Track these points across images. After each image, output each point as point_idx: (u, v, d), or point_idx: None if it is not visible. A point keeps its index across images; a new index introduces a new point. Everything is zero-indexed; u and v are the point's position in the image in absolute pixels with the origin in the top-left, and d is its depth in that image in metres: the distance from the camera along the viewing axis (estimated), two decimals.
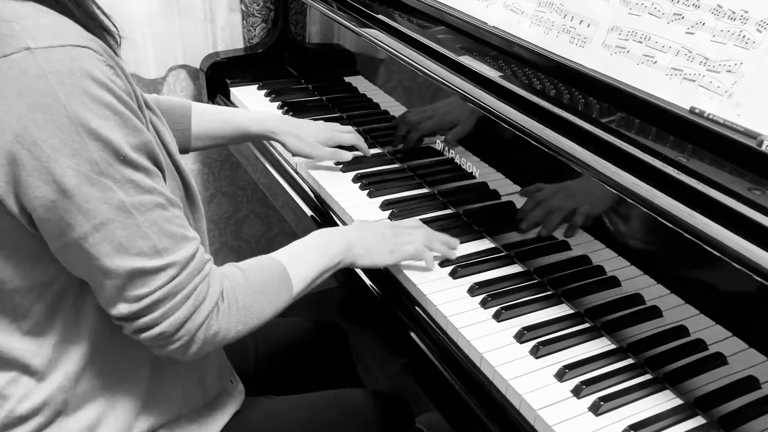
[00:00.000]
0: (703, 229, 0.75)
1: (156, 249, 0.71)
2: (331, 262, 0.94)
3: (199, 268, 0.76)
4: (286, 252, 0.92)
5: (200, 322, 0.75)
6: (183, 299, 0.74)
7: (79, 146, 0.66)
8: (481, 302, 0.98)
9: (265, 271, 0.86)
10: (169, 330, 0.73)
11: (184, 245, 0.74)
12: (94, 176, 0.67)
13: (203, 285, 0.76)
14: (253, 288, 0.82)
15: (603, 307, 0.94)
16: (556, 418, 0.81)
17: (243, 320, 0.80)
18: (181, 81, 1.82)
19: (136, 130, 0.70)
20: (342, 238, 0.98)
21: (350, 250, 0.97)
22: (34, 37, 0.65)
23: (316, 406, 1.05)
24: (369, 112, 1.43)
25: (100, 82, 0.67)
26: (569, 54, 1.03)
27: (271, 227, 2.12)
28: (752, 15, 0.83)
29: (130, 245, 0.70)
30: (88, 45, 0.67)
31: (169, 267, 0.72)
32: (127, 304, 0.72)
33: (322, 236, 0.98)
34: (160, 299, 0.72)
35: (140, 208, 0.70)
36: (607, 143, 0.88)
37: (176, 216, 0.74)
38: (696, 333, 0.82)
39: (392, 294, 1.04)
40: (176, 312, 0.73)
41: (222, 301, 0.78)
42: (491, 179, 1.11)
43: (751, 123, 0.81)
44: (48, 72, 0.65)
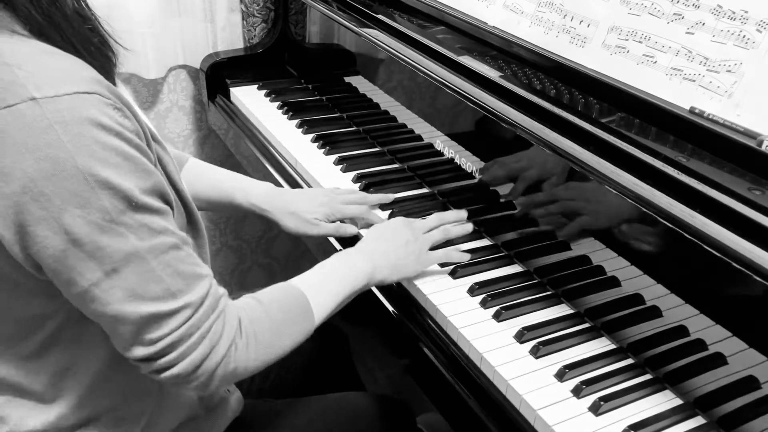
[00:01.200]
0: (703, 229, 0.75)
1: (170, 291, 0.70)
2: (354, 287, 0.92)
3: (213, 306, 0.74)
4: (308, 279, 0.89)
5: (218, 360, 0.74)
6: (199, 339, 0.72)
7: (89, 195, 0.65)
8: (481, 302, 0.98)
9: (286, 303, 0.83)
10: (187, 370, 0.72)
11: (198, 284, 0.72)
12: (105, 224, 0.66)
13: (218, 323, 0.74)
14: (273, 321, 0.80)
15: (603, 307, 0.94)
16: (556, 418, 0.81)
17: (262, 354, 0.78)
18: (181, 81, 1.82)
19: (146, 173, 0.69)
20: (365, 260, 0.94)
21: (375, 272, 0.95)
22: (38, 85, 0.63)
23: (316, 410, 1.05)
24: (369, 112, 1.43)
25: (108, 127, 0.65)
26: (569, 54, 1.03)
27: (271, 227, 2.12)
28: (752, 15, 0.83)
29: (144, 290, 0.68)
30: (94, 90, 0.66)
31: (184, 308, 0.71)
32: (143, 348, 0.70)
33: (345, 260, 0.94)
34: (175, 341, 0.71)
35: (154, 251, 0.69)
36: (607, 143, 0.88)
37: (189, 254, 0.73)
38: (696, 333, 0.82)
39: (392, 294, 1.04)
40: (193, 353, 0.72)
41: (240, 337, 0.76)
42: (491, 179, 1.11)
43: (751, 123, 0.80)
44: (54, 123, 0.63)
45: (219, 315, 0.74)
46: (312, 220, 1.09)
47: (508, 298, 0.98)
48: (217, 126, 1.73)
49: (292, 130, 1.48)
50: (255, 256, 2.13)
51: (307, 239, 1.22)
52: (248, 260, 2.13)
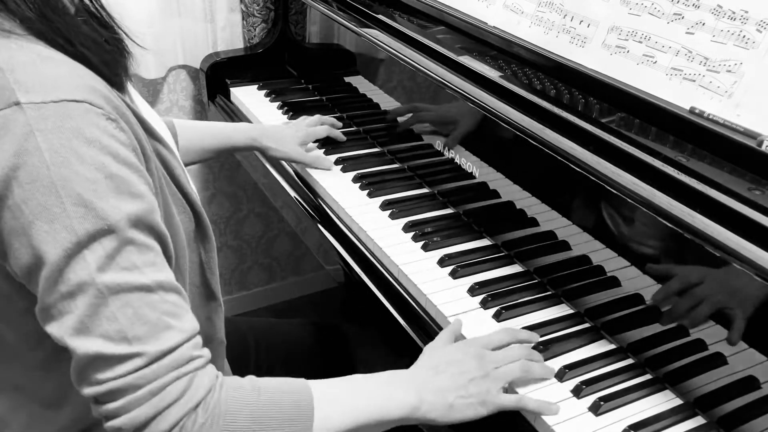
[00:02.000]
0: (703, 229, 0.75)
1: (123, 335, 0.62)
2: (385, 416, 0.75)
3: (177, 365, 0.64)
4: (327, 385, 0.75)
5: (166, 429, 0.63)
6: (147, 396, 0.63)
7: (59, 211, 0.60)
8: (481, 302, 0.98)
9: (280, 398, 0.70)
10: (128, 426, 0.63)
11: (163, 335, 0.64)
12: (70, 246, 0.61)
13: (177, 385, 0.64)
14: (255, 410, 0.68)
15: (603, 307, 0.94)
16: (556, 418, 0.81)
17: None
18: (181, 81, 1.82)
19: (132, 197, 0.63)
20: (410, 391, 0.77)
21: (421, 408, 0.77)
22: (27, 90, 0.61)
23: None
24: (369, 112, 1.43)
25: (93, 140, 0.61)
26: (569, 54, 1.03)
27: (271, 227, 2.12)
28: (752, 15, 0.83)
29: (93, 325, 0.62)
30: (86, 98, 0.62)
31: (135, 357, 0.62)
32: (89, 386, 0.64)
33: (387, 379, 0.79)
34: (119, 389, 0.63)
35: (114, 288, 0.62)
36: (607, 143, 0.88)
37: (164, 301, 0.65)
38: (696, 333, 0.82)
39: (393, 294, 1.04)
40: (137, 408, 0.63)
41: (203, 411, 0.65)
42: (491, 179, 1.11)
43: (751, 123, 0.80)
44: (36, 130, 0.60)
45: (180, 376, 0.65)
46: (295, 147, 1.30)
47: (508, 298, 0.98)
48: None
49: None
50: (255, 256, 2.14)
51: None
52: (248, 260, 2.13)
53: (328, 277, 0.95)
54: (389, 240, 1.12)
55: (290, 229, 2.11)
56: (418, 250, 1.09)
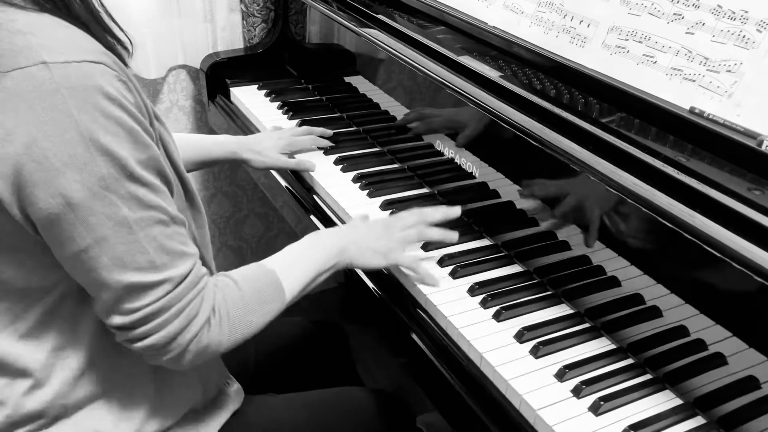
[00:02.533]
0: (703, 229, 0.75)
1: (154, 264, 0.72)
2: (324, 266, 0.95)
3: (194, 283, 0.76)
4: (279, 259, 0.92)
5: (191, 337, 0.76)
6: (176, 313, 0.75)
7: (88, 160, 0.67)
8: (481, 302, 0.98)
9: (257, 282, 0.86)
10: (160, 342, 0.75)
11: (181, 261, 0.75)
12: (100, 191, 0.68)
13: (197, 300, 0.77)
14: (245, 300, 0.83)
15: (603, 307, 0.94)
16: (556, 418, 0.81)
17: (234, 332, 0.81)
18: (181, 81, 1.82)
19: (144, 146, 0.71)
20: (335, 241, 0.98)
21: (344, 252, 0.97)
22: (50, 51, 0.66)
23: (316, 404, 1.06)
24: (369, 112, 1.43)
25: (113, 98, 0.68)
26: (569, 54, 1.03)
27: (271, 227, 2.12)
28: (752, 15, 0.83)
29: (129, 260, 0.71)
30: (102, 60, 0.68)
31: (165, 282, 0.73)
32: (121, 316, 0.73)
33: (315, 241, 0.98)
34: (153, 313, 0.73)
35: (141, 224, 0.71)
36: (607, 143, 0.88)
37: (177, 233, 0.75)
38: (696, 333, 0.82)
39: (392, 294, 1.04)
40: (168, 326, 0.74)
41: (213, 316, 0.79)
42: (491, 179, 1.11)
43: (751, 123, 0.81)
44: (62, 87, 0.65)
45: (198, 293, 0.77)
46: (276, 155, 1.30)
47: (508, 298, 0.98)
48: (217, 126, 1.73)
49: None
50: (255, 256, 2.13)
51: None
52: (248, 260, 2.11)
53: (327, 277, 0.97)
54: None
55: (290, 229, 2.11)
56: (418, 250, 1.09)
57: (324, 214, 1.25)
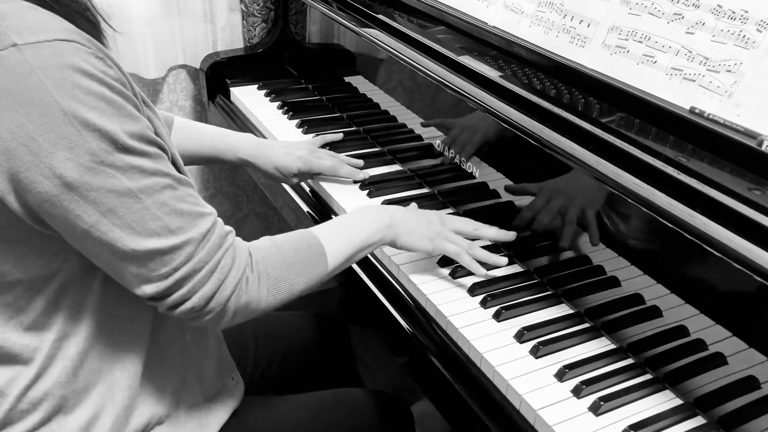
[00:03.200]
0: (703, 229, 0.75)
1: (169, 228, 0.72)
2: (370, 238, 0.95)
3: (219, 242, 0.76)
4: (324, 226, 0.93)
5: (228, 295, 0.77)
6: (208, 273, 0.75)
7: (76, 138, 0.66)
8: (482, 302, 0.98)
9: (299, 244, 0.86)
10: (199, 304, 0.75)
11: (199, 222, 0.75)
12: (95, 166, 0.67)
13: (227, 258, 0.77)
14: (285, 260, 0.83)
15: (603, 307, 0.94)
16: (556, 418, 0.81)
17: (273, 291, 0.81)
18: (181, 81, 1.82)
19: (132, 117, 0.70)
20: (384, 214, 0.98)
21: (392, 227, 0.97)
22: (19, 33, 0.65)
23: (315, 406, 1.05)
24: (369, 112, 1.43)
25: (89, 73, 0.67)
26: (569, 54, 1.03)
27: (271, 227, 2.12)
28: (752, 15, 0.83)
29: (141, 228, 0.70)
30: (74, 38, 0.67)
31: (186, 245, 0.73)
32: (152, 285, 0.73)
33: (363, 212, 0.98)
34: (184, 276, 0.73)
35: (147, 191, 0.70)
36: (607, 143, 0.88)
37: (188, 194, 0.75)
38: (696, 333, 0.82)
39: (393, 294, 1.04)
40: (203, 287, 0.75)
41: (251, 272, 0.79)
42: (491, 179, 1.11)
43: (751, 123, 0.80)
44: (36, 68, 0.64)
45: (227, 250, 0.77)
46: (289, 175, 1.23)
47: (508, 298, 0.98)
48: (217, 126, 1.73)
49: (292, 130, 1.48)
50: None
51: None
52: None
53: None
54: None
55: (290, 229, 2.10)
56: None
57: (324, 214, 1.25)
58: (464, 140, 1.15)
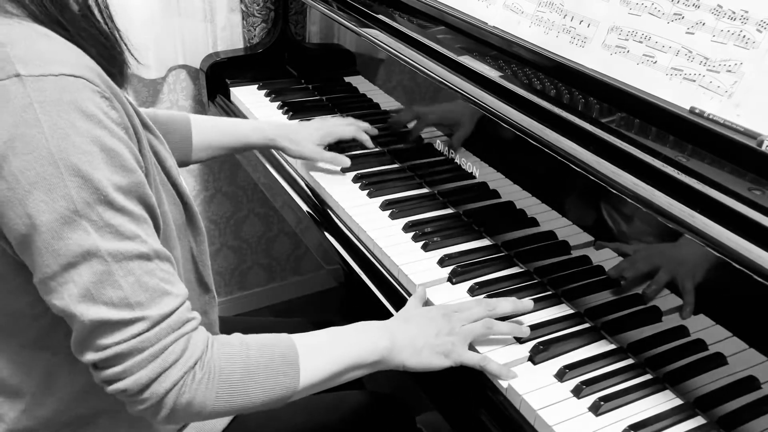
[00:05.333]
0: (703, 229, 0.75)
1: (127, 301, 0.65)
2: (362, 359, 0.82)
3: (175, 327, 0.69)
4: (309, 337, 0.81)
5: (168, 387, 0.68)
6: (149, 358, 0.67)
7: (57, 181, 0.62)
8: None
9: (270, 349, 0.76)
10: (132, 388, 0.67)
11: (162, 301, 0.68)
12: (68, 215, 0.63)
13: (177, 345, 0.69)
14: (247, 364, 0.73)
15: (603, 307, 0.94)
16: (556, 418, 0.81)
17: (225, 396, 0.72)
18: (181, 81, 1.82)
19: (125, 170, 0.66)
20: (384, 333, 0.85)
21: (393, 350, 0.84)
22: (26, 63, 0.62)
23: (315, 407, 1.05)
24: (369, 112, 1.43)
25: (90, 114, 0.63)
26: (569, 54, 1.03)
27: (271, 227, 2.12)
28: (752, 15, 0.83)
29: (98, 293, 0.65)
30: (83, 74, 0.64)
31: (138, 321, 0.66)
32: (91, 352, 0.67)
33: (359, 328, 0.86)
34: (123, 353, 0.66)
35: (117, 256, 0.65)
36: (607, 143, 0.88)
37: (159, 269, 0.68)
38: (696, 333, 0.82)
39: (392, 294, 1.04)
40: (141, 370, 0.67)
41: (201, 368, 0.70)
42: (491, 179, 1.11)
43: (751, 123, 0.80)
44: (35, 101, 0.62)
45: (179, 337, 0.69)
46: (310, 146, 1.26)
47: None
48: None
49: None
50: (255, 256, 2.14)
51: None
52: (248, 260, 2.13)
53: (328, 277, 0.96)
54: (389, 240, 1.12)
55: (290, 229, 2.11)
56: (418, 250, 1.09)
57: (324, 213, 1.25)
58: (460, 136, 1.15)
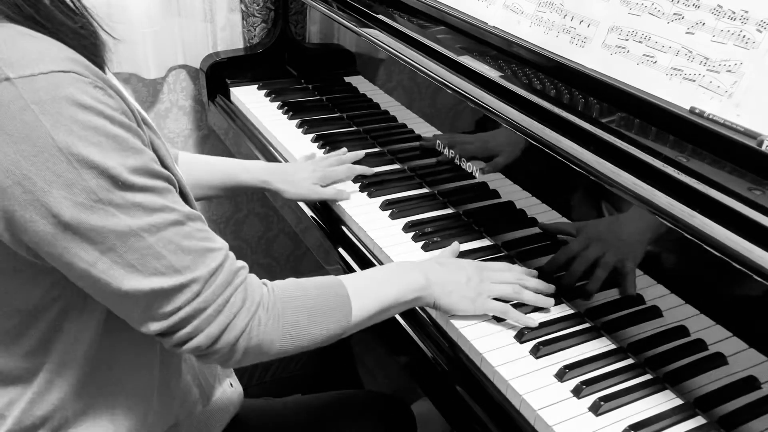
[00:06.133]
0: (703, 229, 0.75)
1: (174, 267, 0.68)
2: (402, 297, 0.88)
3: (228, 280, 0.72)
4: (355, 278, 0.87)
5: (237, 334, 0.73)
6: (214, 313, 0.71)
7: (73, 176, 0.63)
8: None
9: (324, 292, 0.81)
10: (205, 343, 0.72)
11: (207, 258, 0.71)
12: (93, 204, 0.64)
13: (236, 296, 0.73)
14: (305, 305, 0.78)
15: (603, 307, 0.94)
16: (556, 418, 0.81)
17: (288, 336, 0.77)
18: (181, 81, 1.82)
19: (134, 151, 0.67)
20: (420, 275, 0.91)
21: (429, 288, 0.91)
22: (12, 65, 0.62)
23: (315, 408, 1.05)
24: (369, 112, 1.43)
25: (88, 106, 0.63)
26: (569, 54, 1.03)
27: (271, 227, 2.12)
28: (752, 15, 0.83)
29: (144, 267, 0.67)
30: (72, 69, 0.64)
31: (191, 283, 0.69)
32: (156, 322, 0.70)
33: (397, 269, 0.93)
34: (189, 315, 0.70)
35: (150, 229, 0.67)
36: (607, 143, 0.88)
37: (196, 230, 0.71)
38: (696, 333, 0.82)
39: None
40: (209, 326, 0.71)
41: (265, 312, 0.75)
42: (491, 179, 1.11)
43: (751, 123, 0.80)
44: (31, 102, 0.61)
45: (236, 288, 0.73)
46: (310, 186, 1.22)
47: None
48: (217, 126, 1.73)
49: (292, 130, 1.48)
50: (255, 256, 2.14)
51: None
52: (248, 260, 2.10)
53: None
54: (389, 240, 1.12)
55: (290, 229, 2.11)
56: (418, 250, 1.09)
57: (324, 214, 1.24)
58: (465, 141, 1.15)
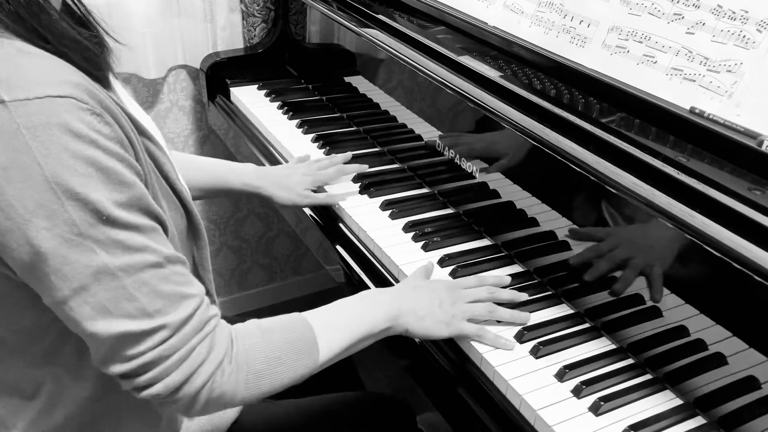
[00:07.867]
0: (703, 229, 0.75)
1: (145, 311, 0.66)
2: (373, 329, 0.86)
3: (198, 328, 0.70)
4: (320, 313, 0.84)
5: (199, 386, 0.70)
6: (178, 361, 0.68)
7: (56, 207, 0.61)
8: None
9: (288, 334, 0.78)
10: (165, 391, 0.69)
11: (181, 305, 0.68)
12: (73, 238, 0.62)
13: (203, 345, 0.70)
14: (270, 351, 0.75)
15: (603, 307, 0.94)
16: (556, 418, 0.81)
17: (253, 385, 0.74)
18: (181, 81, 1.82)
19: (124, 185, 0.65)
20: (391, 302, 0.88)
21: (400, 318, 0.88)
22: (9, 87, 0.60)
23: (315, 410, 1.05)
24: (369, 112, 1.43)
25: (81, 135, 0.62)
26: (569, 54, 1.03)
27: (271, 227, 2.12)
28: (752, 15, 0.83)
29: (115, 308, 0.65)
30: (69, 93, 0.62)
31: (161, 329, 0.67)
32: (118, 364, 0.67)
33: (367, 299, 0.90)
34: (152, 361, 0.67)
35: (128, 270, 0.65)
36: (607, 143, 0.88)
37: (174, 273, 0.69)
38: (696, 333, 0.82)
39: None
40: (171, 374, 0.68)
41: (228, 363, 0.72)
42: (491, 179, 1.11)
43: (751, 123, 0.80)
44: (23, 127, 0.60)
45: (204, 338, 0.70)
46: (302, 191, 1.19)
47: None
48: (217, 126, 1.73)
49: (292, 130, 1.48)
50: (255, 256, 2.14)
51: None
52: (248, 260, 2.13)
53: (328, 277, 0.96)
54: (389, 240, 1.12)
55: (290, 229, 2.11)
56: (418, 250, 1.09)
57: (324, 214, 1.24)
58: (466, 142, 1.15)
